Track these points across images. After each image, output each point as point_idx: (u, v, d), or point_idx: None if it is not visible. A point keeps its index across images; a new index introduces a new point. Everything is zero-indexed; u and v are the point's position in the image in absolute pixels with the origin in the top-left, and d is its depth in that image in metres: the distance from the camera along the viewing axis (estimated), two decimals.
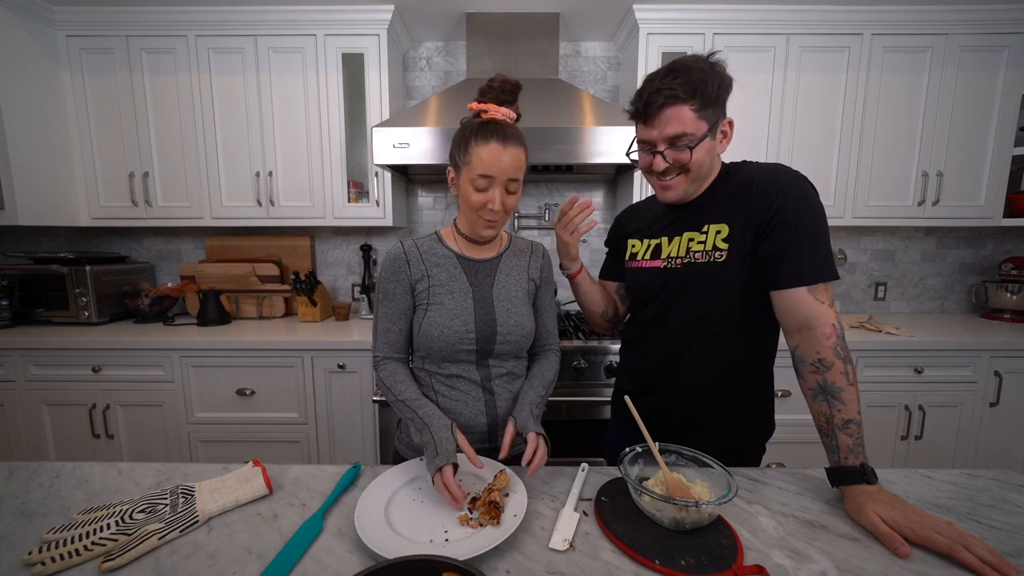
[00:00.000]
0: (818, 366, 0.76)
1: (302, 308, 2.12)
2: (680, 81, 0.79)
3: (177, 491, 0.75)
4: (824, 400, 0.75)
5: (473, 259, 0.96)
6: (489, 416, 0.93)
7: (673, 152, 0.83)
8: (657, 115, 0.81)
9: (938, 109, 1.97)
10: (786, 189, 0.81)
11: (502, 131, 0.84)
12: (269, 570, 0.59)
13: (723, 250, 0.85)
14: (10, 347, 1.77)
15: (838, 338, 0.75)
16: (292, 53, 1.95)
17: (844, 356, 0.75)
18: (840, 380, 0.74)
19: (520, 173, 0.86)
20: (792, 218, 0.79)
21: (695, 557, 0.60)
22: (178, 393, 1.80)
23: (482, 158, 0.83)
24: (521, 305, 0.96)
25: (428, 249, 0.95)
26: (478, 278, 0.95)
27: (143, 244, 2.39)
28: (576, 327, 1.89)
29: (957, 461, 1.85)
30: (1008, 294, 2.13)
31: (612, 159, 1.69)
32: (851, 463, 0.72)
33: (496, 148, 0.83)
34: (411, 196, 2.36)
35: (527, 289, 0.99)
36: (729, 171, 0.91)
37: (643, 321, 0.99)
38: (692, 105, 0.79)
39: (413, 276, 0.93)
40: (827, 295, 0.78)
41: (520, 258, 1.00)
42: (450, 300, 0.92)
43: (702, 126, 0.81)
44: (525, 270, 1.00)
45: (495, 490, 0.71)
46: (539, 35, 1.97)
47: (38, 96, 1.89)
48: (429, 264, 0.94)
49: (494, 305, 0.93)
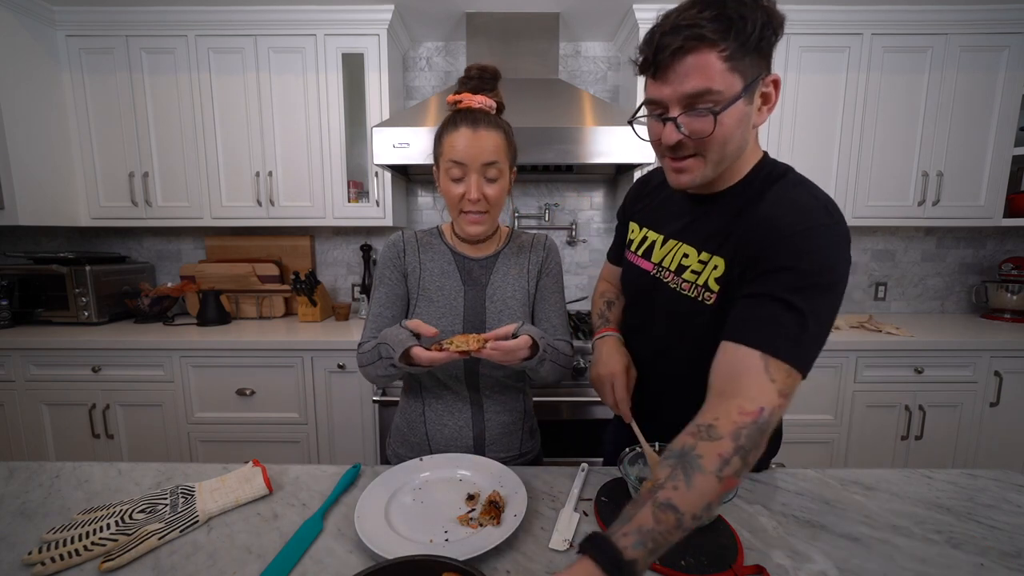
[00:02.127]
0: (702, 430, 0.54)
1: (302, 308, 2.12)
2: (709, 15, 0.57)
3: (177, 491, 0.75)
4: (669, 466, 0.52)
5: (468, 257, 0.93)
6: (476, 430, 0.92)
7: (691, 118, 0.60)
8: (672, 64, 0.59)
9: (938, 109, 1.97)
10: (803, 248, 0.60)
11: (472, 116, 0.80)
12: (269, 570, 0.59)
13: (714, 292, 0.69)
14: (10, 347, 1.77)
15: (753, 424, 0.54)
16: (292, 53, 1.95)
17: (741, 447, 0.52)
18: (710, 463, 0.51)
19: (497, 156, 0.80)
20: (795, 281, 0.59)
21: (695, 557, 0.60)
22: (178, 393, 1.80)
23: (452, 145, 0.80)
24: (517, 307, 0.91)
25: (426, 242, 0.94)
26: (472, 277, 0.92)
27: (143, 244, 2.39)
28: (576, 327, 1.89)
29: (957, 461, 1.85)
30: (1008, 294, 2.13)
31: (612, 159, 1.69)
32: (626, 551, 0.47)
33: (465, 133, 0.79)
34: (411, 196, 2.36)
35: (527, 288, 0.93)
36: (771, 174, 0.69)
37: (632, 324, 0.89)
38: (723, 51, 0.57)
39: (407, 264, 0.92)
40: (782, 380, 0.56)
41: (520, 256, 0.94)
42: (440, 297, 0.90)
43: (735, 83, 0.58)
44: (526, 267, 0.93)
45: (461, 345, 0.74)
46: (539, 35, 1.97)
47: (38, 96, 1.89)
48: (424, 257, 0.92)
49: (486, 307, 0.90)
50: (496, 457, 0.92)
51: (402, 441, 0.96)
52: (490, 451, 0.93)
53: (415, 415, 0.94)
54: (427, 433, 0.93)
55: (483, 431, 0.92)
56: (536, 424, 1.04)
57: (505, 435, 0.95)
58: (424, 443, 0.93)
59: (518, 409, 0.97)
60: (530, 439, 1.00)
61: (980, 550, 0.63)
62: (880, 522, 0.70)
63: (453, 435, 0.92)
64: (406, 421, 0.96)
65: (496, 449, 0.94)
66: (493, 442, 0.93)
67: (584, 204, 2.36)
